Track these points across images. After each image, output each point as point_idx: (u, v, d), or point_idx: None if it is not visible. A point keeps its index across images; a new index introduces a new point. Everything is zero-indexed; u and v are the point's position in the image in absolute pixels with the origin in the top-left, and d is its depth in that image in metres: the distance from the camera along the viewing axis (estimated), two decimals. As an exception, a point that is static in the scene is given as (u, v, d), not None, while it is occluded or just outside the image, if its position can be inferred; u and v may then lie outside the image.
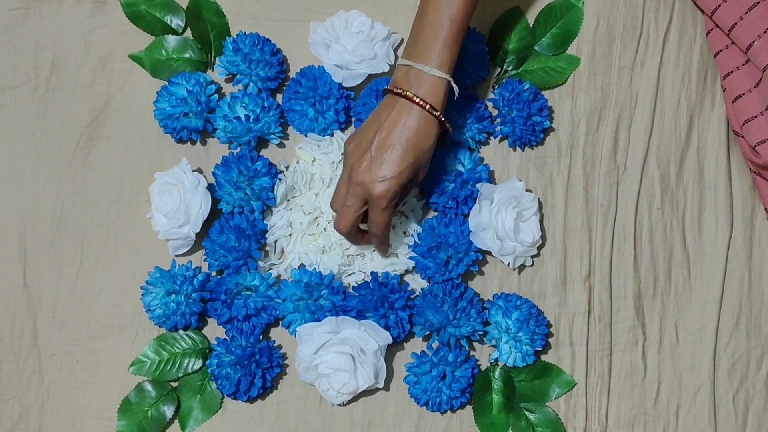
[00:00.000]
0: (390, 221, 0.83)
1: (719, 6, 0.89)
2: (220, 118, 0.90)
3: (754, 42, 0.86)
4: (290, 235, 0.90)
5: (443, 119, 0.81)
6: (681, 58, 0.94)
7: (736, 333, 0.91)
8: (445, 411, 0.88)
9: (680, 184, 0.93)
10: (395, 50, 0.93)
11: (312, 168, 0.91)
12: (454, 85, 0.82)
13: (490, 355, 0.89)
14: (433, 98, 0.80)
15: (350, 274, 0.89)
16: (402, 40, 0.94)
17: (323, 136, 0.91)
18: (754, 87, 0.88)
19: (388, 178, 0.79)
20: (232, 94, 0.91)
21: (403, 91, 0.80)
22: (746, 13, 0.87)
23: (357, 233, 0.85)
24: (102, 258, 0.91)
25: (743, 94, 0.89)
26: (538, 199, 0.91)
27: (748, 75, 0.89)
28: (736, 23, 0.88)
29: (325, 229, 0.90)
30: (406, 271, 0.90)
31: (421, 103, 0.80)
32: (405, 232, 0.89)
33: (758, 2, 0.87)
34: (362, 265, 0.89)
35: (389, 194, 0.80)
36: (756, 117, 0.87)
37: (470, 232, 0.88)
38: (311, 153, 0.91)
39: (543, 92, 0.93)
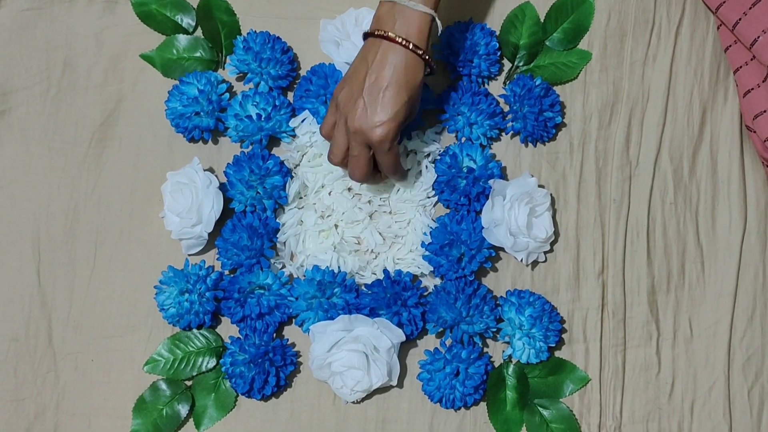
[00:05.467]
0: (398, 157, 0.84)
1: (723, 2, 0.88)
2: (231, 117, 0.90)
3: (758, 38, 0.85)
4: (302, 233, 0.90)
5: (428, 58, 0.81)
6: (693, 52, 0.94)
7: (751, 327, 0.91)
8: (459, 408, 0.88)
9: (693, 178, 0.93)
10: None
11: (323, 166, 0.91)
12: (438, 21, 0.81)
13: (503, 351, 0.89)
14: (417, 36, 0.80)
15: (363, 272, 0.89)
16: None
17: (334, 133, 0.91)
18: (762, 82, 0.87)
19: (386, 121, 0.80)
20: (243, 92, 0.91)
21: (385, 32, 0.80)
22: (750, 8, 0.86)
23: (372, 175, 0.86)
24: (115, 258, 0.91)
25: (752, 88, 0.88)
26: (551, 194, 0.91)
27: (756, 70, 0.88)
28: (740, 19, 0.87)
29: (336, 226, 0.90)
30: (421, 274, 0.90)
31: (404, 43, 0.79)
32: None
33: None
34: (374, 266, 0.89)
35: (390, 136, 0.80)
36: (765, 111, 0.87)
37: (483, 228, 0.88)
38: (322, 151, 0.91)
39: (554, 87, 0.93)
